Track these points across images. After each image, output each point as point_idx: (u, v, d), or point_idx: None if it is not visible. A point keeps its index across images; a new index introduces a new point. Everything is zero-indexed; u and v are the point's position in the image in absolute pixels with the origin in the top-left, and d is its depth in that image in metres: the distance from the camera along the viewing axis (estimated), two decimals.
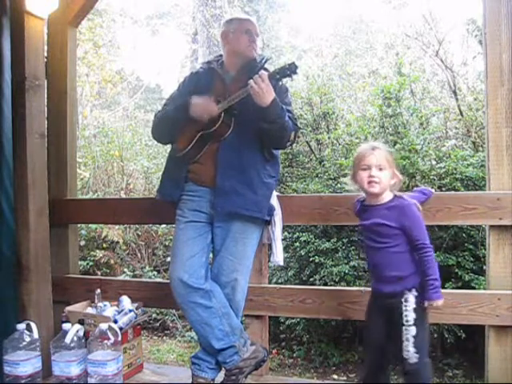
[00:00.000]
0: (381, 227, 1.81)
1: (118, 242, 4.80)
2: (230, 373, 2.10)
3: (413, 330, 1.73)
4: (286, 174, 4.00)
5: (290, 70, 1.95)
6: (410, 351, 1.73)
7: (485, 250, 2.39)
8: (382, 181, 1.81)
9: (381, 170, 1.81)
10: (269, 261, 2.44)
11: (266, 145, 2.11)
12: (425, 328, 1.78)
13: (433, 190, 2.11)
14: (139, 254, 4.94)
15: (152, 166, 5.54)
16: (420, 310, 1.76)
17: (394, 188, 1.87)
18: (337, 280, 3.24)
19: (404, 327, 1.74)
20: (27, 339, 2.10)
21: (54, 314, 2.51)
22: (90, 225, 4.66)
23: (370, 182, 1.82)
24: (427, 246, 1.76)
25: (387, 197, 1.85)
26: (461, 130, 4.19)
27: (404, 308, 1.75)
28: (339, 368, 3.40)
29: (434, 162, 3.48)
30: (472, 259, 3.06)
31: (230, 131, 2.08)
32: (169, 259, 2.66)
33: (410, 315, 1.74)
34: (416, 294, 1.76)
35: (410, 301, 1.76)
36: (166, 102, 2.33)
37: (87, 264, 4.61)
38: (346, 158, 3.77)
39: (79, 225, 4.07)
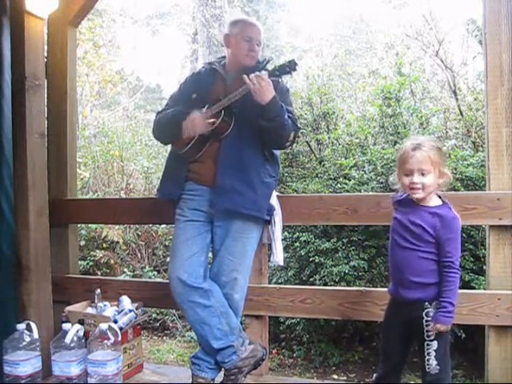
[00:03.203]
0: (417, 228, 1.71)
1: (118, 242, 4.80)
2: (229, 372, 2.10)
3: (435, 345, 1.68)
4: (286, 174, 3.99)
5: (289, 67, 1.96)
6: (432, 364, 1.69)
7: (485, 249, 2.39)
8: (426, 186, 1.69)
9: (423, 174, 1.69)
10: (269, 261, 2.44)
11: (266, 144, 2.11)
12: (447, 340, 1.73)
13: None
14: (139, 254, 4.93)
15: (152, 166, 5.54)
16: None
17: (441, 187, 1.76)
18: (337, 280, 3.23)
19: (426, 342, 1.69)
20: (27, 339, 2.10)
21: (54, 313, 2.51)
22: (89, 225, 4.66)
23: (412, 189, 1.71)
24: (455, 266, 1.67)
25: (434, 201, 1.75)
26: (461, 130, 4.18)
27: (426, 323, 1.69)
28: (339, 368, 3.39)
29: None
30: (472, 259, 3.06)
31: (230, 129, 2.08)
32: (169, 259, 2.67)
33: (432, 330, 1.68)
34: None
35: (432, 316, 1.69)
36: (167, 102, 2.34)
37: (87, 264, 4.61)
38: (345, 158, 3.77)
39: (79, 225, 4.07)
